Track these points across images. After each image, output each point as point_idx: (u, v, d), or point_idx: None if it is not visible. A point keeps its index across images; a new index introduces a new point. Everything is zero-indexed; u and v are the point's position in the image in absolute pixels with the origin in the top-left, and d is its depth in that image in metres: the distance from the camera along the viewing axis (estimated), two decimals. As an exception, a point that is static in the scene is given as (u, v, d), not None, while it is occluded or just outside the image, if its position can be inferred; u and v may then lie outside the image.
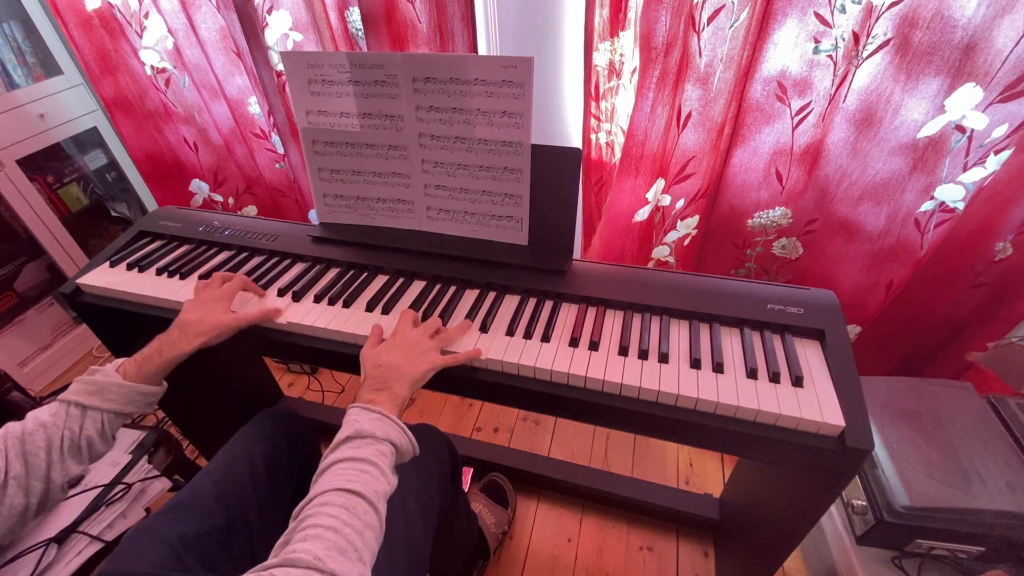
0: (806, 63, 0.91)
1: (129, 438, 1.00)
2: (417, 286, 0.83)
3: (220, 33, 1.28)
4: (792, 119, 0.97)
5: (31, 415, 0.60)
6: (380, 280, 0.84)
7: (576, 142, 1.26)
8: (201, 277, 0.87)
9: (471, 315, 0.75)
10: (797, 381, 0.63)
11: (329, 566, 0.43)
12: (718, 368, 0.65)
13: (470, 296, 0.80)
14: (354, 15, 1.16)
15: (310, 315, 0.77)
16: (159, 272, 0.89)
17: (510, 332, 0.73)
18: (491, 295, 0.80)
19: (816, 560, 1.06)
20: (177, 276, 0.88)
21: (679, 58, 0.93)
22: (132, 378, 0.66)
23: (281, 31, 1.21)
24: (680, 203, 1.13)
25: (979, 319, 1.03)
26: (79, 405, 0.62)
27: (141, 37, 1.36)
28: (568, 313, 0.76)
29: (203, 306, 0.74)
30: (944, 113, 0.86)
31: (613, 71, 1.04)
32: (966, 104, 0.84)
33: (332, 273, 0.87)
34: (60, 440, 0.60)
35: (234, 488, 0.71)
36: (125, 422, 0.66)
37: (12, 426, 0.59)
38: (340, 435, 0.56)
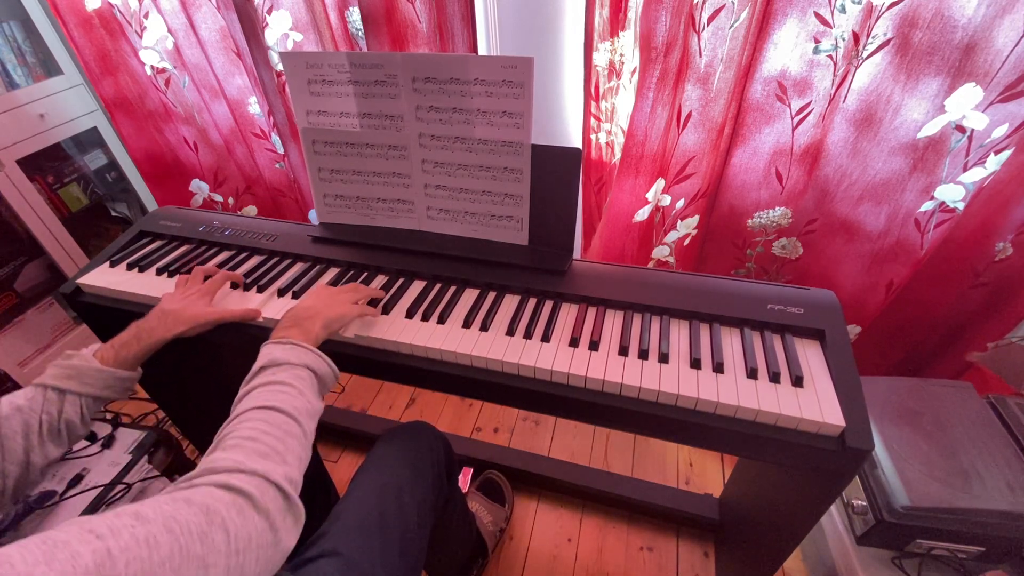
0: (806, 63, 0.91)
1: (129, 438, 1.00)
2: (417, 286, 0.83)
3: (220, 33, 1.28)
4: (792, 119, 0.97)
5: (5, 399, 0.60)
6: (380, 280, 0.84)
7: (576, 142, 1.26)
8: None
9: (471, 315, 0.75)
10: (797, 381, 0.63)
11: (251, 466, 0.43)
12: (718, 368, 0.65)
13: (470, 296, 0.80)
14: (354, 15, 1.16)
15: (310, 315, 0.77)
16: (159, 272, 0.89)
17: (510, 332, 0.73)
18: (491, 295, 0.80)
19: (816, 560, 1.06)
20: (177, 276, 0.88)
21: (679, 58, 0.93)
22: (109, 363, 0.66)
23: (281, 31, 1.21)
24: (680, 203, 1.13)
25: (979, 319, 1.03)
26: (56, 389, 0.62)
27: (141, 37, 1.36)
28: (568, 313, 0.76)
29: (185, 298, 0.75)
30: (944, 113, 0.86)
31: (613, 71, 1.04)
32: (966, 104, 0.84)
33: (332, 273, 0.87)
34: (38, 424, 0.60)
35: None
36: (102, 406, 0.67)
37: None
38: (254, 368, 0.57)
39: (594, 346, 0.69)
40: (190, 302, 0.74)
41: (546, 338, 0.71)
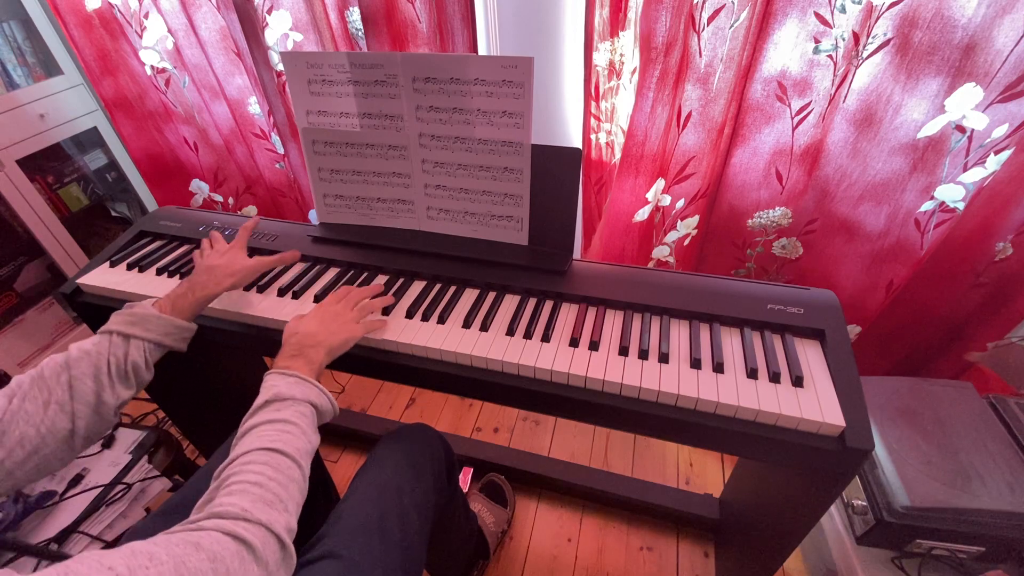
0: (806, 63, 0.91)
1: (129, 438, 1.00)
2: (417, 286, 0.83)
3: (220, 33, 1.28)
4: (792, 119, 0.97)
5: (74, 345, 0.62)
6: (380, 280, 0.84)
7: (576, 142, 1.26)
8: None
9: (471, 315, 0.75)
10: (797, 381, 0.63)
11: (256, 515, 0.44)
12: (718, 368, 0.65)
13: (470, 296, 0.80)
14: (354, 15, 1.16)
15: (310, 315, 0.77)
16: (159, 272, 0.89)
17: (510, 332, 0.73)
18: (491, 295, 0.80)
19: (816, 560, 1.06)
20: (177, 276, 0.88)
21: (679, 58, 0.93)
22: (167, 312, 0.69)
23: (281, 31, 1.21)
24: (680, 203, 1.13)
25: (979, 319, 1.03)
26: (122, 335, 0.64)
27: (141, 37, 1.36)
28: (568, 313, 0.76)
29: (223, 255, 0.77)
30: (944, 113, 0.86)
31: (613, 71, 1.04)
32: (966, 104, 0.84)
33: (332, 273, 0.87)
34: (107, 366, 0.62)
35: None
36: (163, 353, 0.69)
37: (55, 356, 0.61)
38: (258, 400, 0.57)
39: (594, 346, 0.69)
40: (231, 257, 0.76)
41: (546, 338, 0.71)
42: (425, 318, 0.76)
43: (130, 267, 0.91)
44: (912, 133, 0.89)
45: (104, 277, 0.89)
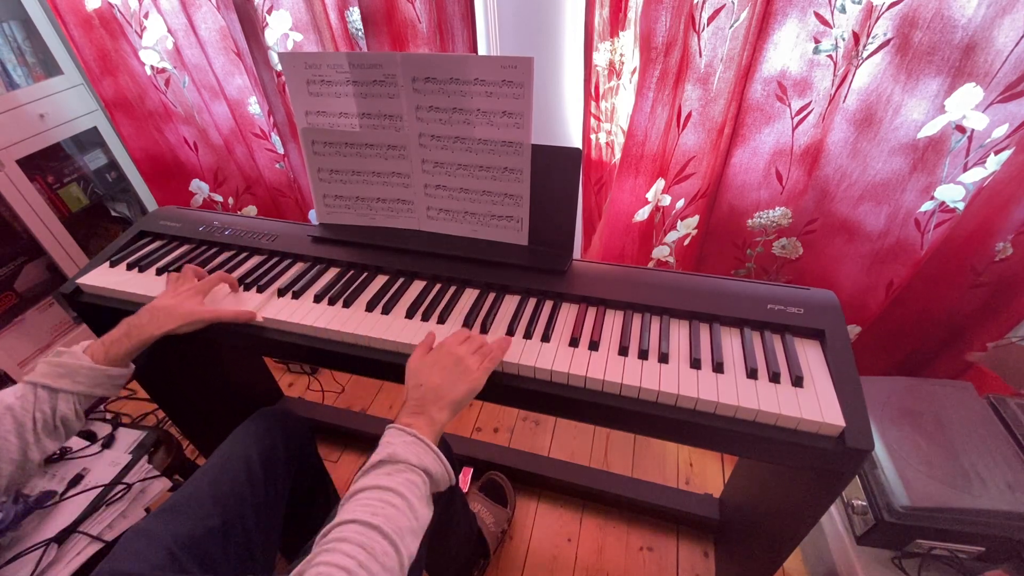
0: (806, 63, 0.91)
1: (129, 438, 1.00)
2: (417, 286, 0.83)
3: (220, 33, 1.28)
4: (792, 119, 0.97)
5: None
6: (380, 280, 0.84)
7: (576, 142, 1.26)
8: (200, 278, 0.87)
9: (471, 315, 0.75)
10: (797, 381, 0.63)
11: None
12: (718, 368, 0.65)
13: (470, 296, 0.80)
14: (354, 15, 1.16)
15: (310, 315, 0.77)
16: (159, 272, 0.89)
17: (510, 332, 0.73)
18: (491, 295, 0.80)
19: (816, 560, 1.06)
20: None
21: (679, 58, 0.93)
22: (100, 360, 0.66)
23: (281, 31, 1.21)
24: (680, 203, 1.13)
25: (979, 319, 1.03)
26: (48, 388, 0.62)
27: (141, 37, 1.35)
28: (568, 313, 0.76)
29: (177, 294, 0.75)
30: (944, 113, 0.86)
31: (613, 71, 1.04)
32: (966, 104, 0.84)
33: (332, 273, 0.87)
34: (32, 422, 0.60)
35: (230, 488, 0.71)
36: (94, 401, 0.67)
37: None
38: (373, 458, 0.54)
39: (594, 346, 0.69)
40: (182, 299, 0.74)
41: (546, 338, 0.71)
42: (425, 318, 0.76)
43: (130, 267, 0.91)
44: (912, 133, 0.89)
45: (104, 277, 0.89)
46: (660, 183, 1.10)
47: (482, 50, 1.16)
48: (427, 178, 0.86)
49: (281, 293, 0.82)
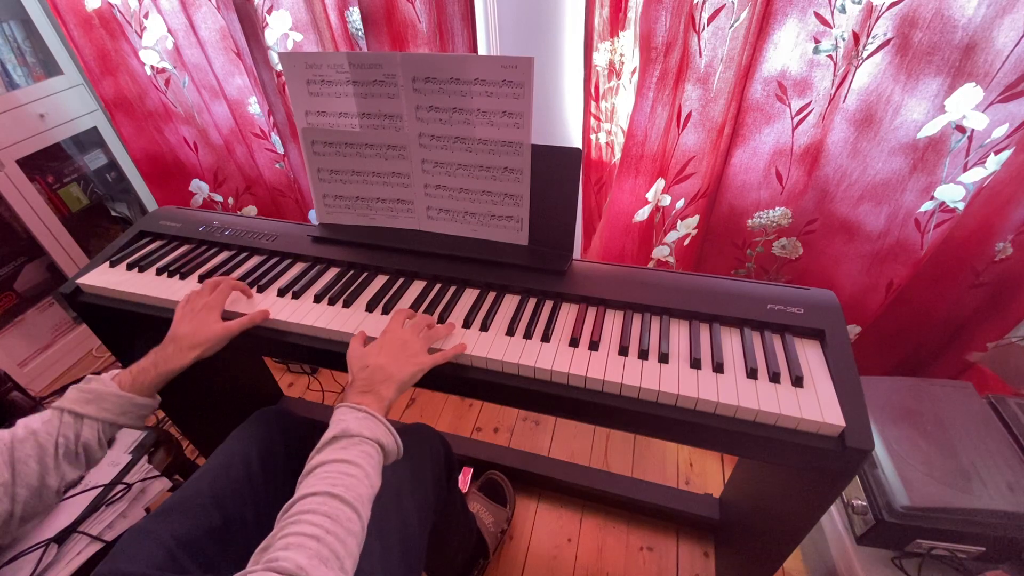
0: (806, 63, 0.91)
1: (129, 438, 1.00)
2: (417, 286, 0.83)
3: (220, 33, 1.28)
4: (792, 119, 0.97)
5: (21, 422, 0.60)
6: (380, 280, 0.84)
7: (576, 142, 1.26)
8: (201, 277, 0.87)
9: (471, 315, 0.75)
10: (797, 381, 0.63)
11: (311, 574, 0.43)
12: (718, 368, 0.65)
13: (470, 296, 0.80)
14: (354, 15, 1.16)
15: (310, 315, 0.77)
16: (159, 272, 0.89)
17: (510, 332, 0.73)
18: (491, 295, 0.80)
19: (816, 560, 1.06)
20: (177, 276, 0.88)
21: (679, 58, 0.93)
22: (127, 388, 0.66)
23: (281, 31, 1.21)
24: (680, 203, 1.13)
25: (979, 319, 1.03)
26: (74, 413, 0.62)
27: (141, 37, 1.36)
28: (568, 313, 0.76)
29: (194, 317, 0.74)
30: (944, 113, 0.86)
31: (613, 71, 1.04)
32: (966, 104, 0.84)
33: (332, 273, 0.87)
34: (54, 447, 0.60)
35: (230, 488, 0.71)
36: (118, 431, 0.66)
37: (1, 433, 0.59)
38: (327, 435, 0.56)
39: (594, 346, 0.69)
40: (199, 322, 0.73)
41: (546, 338, 0.71)
42: (425, 318, 0.76)
43: (130, 267, 0.91)
44: (912, 133, 0.89)
45: (104, 277, 0.89)
46: (660, 183, 1.10)
47: (482, 50, 1.16)
48: (427, 178, 0.86)
49: (281, 293, 0.82)
